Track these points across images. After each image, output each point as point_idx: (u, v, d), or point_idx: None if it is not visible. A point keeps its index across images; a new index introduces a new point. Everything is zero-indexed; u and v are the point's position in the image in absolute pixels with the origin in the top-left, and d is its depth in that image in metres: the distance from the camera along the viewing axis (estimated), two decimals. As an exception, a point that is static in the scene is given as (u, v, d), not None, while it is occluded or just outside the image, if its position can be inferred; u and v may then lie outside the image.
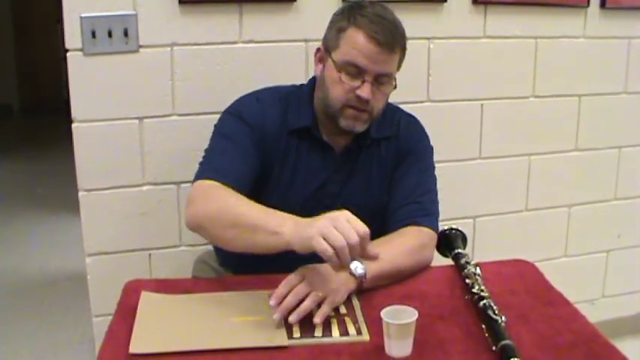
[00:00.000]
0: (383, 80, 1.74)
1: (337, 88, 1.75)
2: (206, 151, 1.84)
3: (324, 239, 1.40)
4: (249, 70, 2.28)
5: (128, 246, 2.34)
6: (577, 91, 2.75)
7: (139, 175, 2.29)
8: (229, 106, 1.90)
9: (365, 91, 1.71)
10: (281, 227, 1.48)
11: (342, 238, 1.39)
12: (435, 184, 1.94)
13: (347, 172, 1.89)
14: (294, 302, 1.46)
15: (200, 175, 1.76)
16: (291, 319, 1.45)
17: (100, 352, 1.40)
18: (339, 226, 1.41)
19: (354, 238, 1.40)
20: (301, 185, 1.86)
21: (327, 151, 1.87)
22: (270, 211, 1.56)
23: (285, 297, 1.48)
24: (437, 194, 1.92)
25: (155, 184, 2.30)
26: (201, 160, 1.82)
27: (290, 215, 1.52)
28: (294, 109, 1.87)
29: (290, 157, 1.85)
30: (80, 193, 2.25)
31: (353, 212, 1.86)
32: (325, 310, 1.47)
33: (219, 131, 1.86)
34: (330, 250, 1.39)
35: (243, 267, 1.81)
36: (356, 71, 1.72)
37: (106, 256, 2.32)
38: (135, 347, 1.38)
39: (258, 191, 1.79)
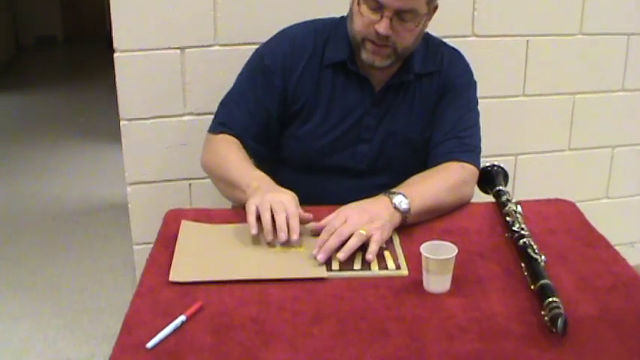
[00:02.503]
0: (405, 17, 1.68)
1: (358, 22, 1.73)
2: (227, 94, 1.93)
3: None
4: (292, -1, 2.26)
5: (169, 175, 2.36)
6: (625, 29, 2.68)
7: (180, 105, 2.29)
8: (262, 44, 1.92)
9: (382, 27, 1.67)
10: (248, 188, 1.64)
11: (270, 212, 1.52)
12: (478, 119, 1.92)
13: (386, 107, 1.87)
14: (338, 243, 1.45)
15: (212, 125, 1.91)
16: (340, 256, 1.44)
17: (141, 279, 1.43)
18: (273, 203, 1.53)
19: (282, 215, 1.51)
20: (337, 119, 1.86)
21: (365, 85, 1.85)
22: (248, 169, 1.73)
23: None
24: (479, 129, 1.90)
25: (196, 114, 2.31)
26: (220, 101, 1.93)
27: (262, 177, 1.68)
28: (333, 42, 1.85)
29: (324, 91, 1.84)
30: (122, 123, 2.27)
31: (393, 146, 1.87)
32: (374, 248, 1.46)
33: (242, 72, 1.93)
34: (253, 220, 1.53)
35: None
36: (375, 5, 1.67)
37: (147, 185, 2.35)
38: (175, 276, 1.40)
39: (294, 126, 1.85)
